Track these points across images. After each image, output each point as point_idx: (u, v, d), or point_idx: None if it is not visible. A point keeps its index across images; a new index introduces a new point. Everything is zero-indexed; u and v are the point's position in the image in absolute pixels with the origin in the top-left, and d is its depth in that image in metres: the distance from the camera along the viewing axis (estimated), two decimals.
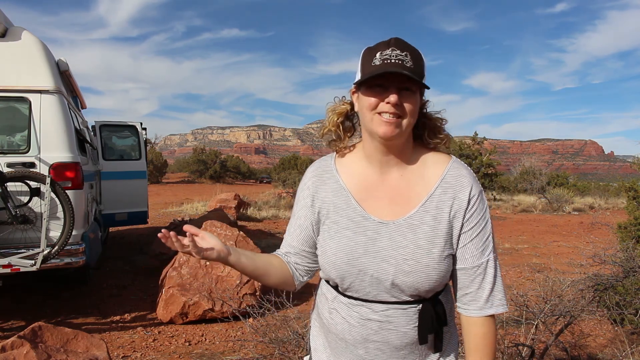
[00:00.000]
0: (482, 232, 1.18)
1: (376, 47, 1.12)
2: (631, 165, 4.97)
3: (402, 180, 1.20)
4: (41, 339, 2.46)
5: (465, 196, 1.16)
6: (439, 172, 1.19)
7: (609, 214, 15.70)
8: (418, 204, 1.17)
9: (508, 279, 6.26)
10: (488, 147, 22.35)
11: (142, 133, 7.37)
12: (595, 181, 43.88)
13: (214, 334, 4.14)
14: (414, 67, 1.09)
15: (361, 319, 1.18)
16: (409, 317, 1.16)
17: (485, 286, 1.17)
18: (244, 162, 56.09)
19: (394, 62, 1.08)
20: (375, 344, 1.17)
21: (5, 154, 4.05)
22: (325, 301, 1.28)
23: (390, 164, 1.19)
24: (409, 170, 1.20)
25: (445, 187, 1.17)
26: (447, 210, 1.16)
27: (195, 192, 24.06)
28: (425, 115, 1.23)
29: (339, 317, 1.22)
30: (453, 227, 1.16)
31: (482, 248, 1.17)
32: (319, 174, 1.27)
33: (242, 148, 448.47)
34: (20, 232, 3.96)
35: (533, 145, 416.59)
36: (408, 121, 1.12)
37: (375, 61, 1.10)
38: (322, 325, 1.30)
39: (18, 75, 4.09)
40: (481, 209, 1.18)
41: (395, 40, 1.12)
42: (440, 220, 1.15)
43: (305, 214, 1.26)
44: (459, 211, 1.16)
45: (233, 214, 11.29)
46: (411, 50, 1.11)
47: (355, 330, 1.18)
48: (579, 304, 3.14)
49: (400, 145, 1.17)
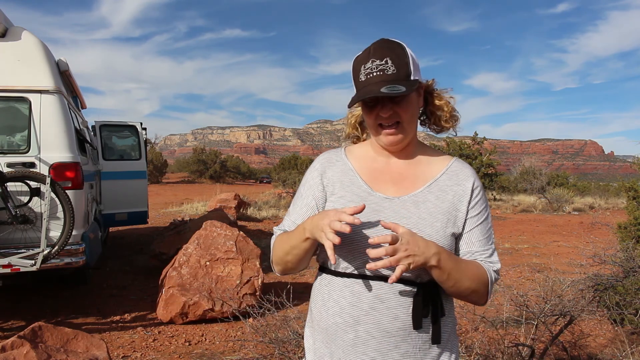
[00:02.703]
0: (485, 221, 1.24)
1: (360, 58, 1.18)
2: (631, 165, 4.97)
3: (407, 167, 1.27)
4: (41, 339, 2.46)
5: (469, 185, 1.24)
6: (444, 163, 1.28)
7: (609, 214, 15.72)
8: (423, 185, 1.23)
9: (508, 279, 6.26)
10: (488, 147, 22.34)
11: (142, 133, 7.37)
12: (595, 181, 43.92)
13: (214, 334, 4.14)
14: (397, 71, 1.13)
15: (353, 298, 1.17)
16: (402, 299, 1.15)
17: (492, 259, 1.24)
18: (244, 162, 56.12)
19: (375, 76, 1.13)
20: (365, 326, 1.15)
21: (5, 154, 4.05)
22: (319, 293, 1.27)
23: (397, 157, 1.28)
24: (414, 161, 1.28)
25: (450, 175, 1.25)
26: (451, 194, 1.22)
27: (195, 192, 24.06)
28: (432, 99, 1.29)
29: (332, 301, 1.21)
30: (457, 210, 1.21)
31: (487, 235, 1.24)
32: (329, 158, 1.33)
33: (242, 148, 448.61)
34: (20, 232, 3.96)
35: (533, 145, 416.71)
36: (408, 123, 1.19)
37: (361, 76, 1.16)
38: (312, 320, 1.30)
39: (18, 75, 4.09)
40: (484, 201, 1.25)
41: (374, 47, 1.16)
42: (443, 200, 1.21)
43: (313, 193, 1.28)
44: (464, 197, 1.22)
45: (233, 214, 11.30)
46: (391, 53, 1.15)
47: (347, 312, 1.17)
48: (579, 304, 3.14)
49: (405, 143, 1.24)
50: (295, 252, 1.21)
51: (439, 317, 1.18)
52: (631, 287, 3.54)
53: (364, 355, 1.16)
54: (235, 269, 4.64)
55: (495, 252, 1.25)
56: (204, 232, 4.97)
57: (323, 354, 1.24)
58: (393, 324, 1.15)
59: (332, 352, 1.21)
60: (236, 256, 4.73)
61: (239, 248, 4.82)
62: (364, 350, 1.16)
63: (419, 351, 1.17)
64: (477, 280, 1.17)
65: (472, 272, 1.16)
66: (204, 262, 4.64)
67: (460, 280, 1.14)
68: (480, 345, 2.88)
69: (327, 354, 1.22)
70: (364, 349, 1.16)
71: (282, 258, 1.26)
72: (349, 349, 1.17)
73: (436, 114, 1.29)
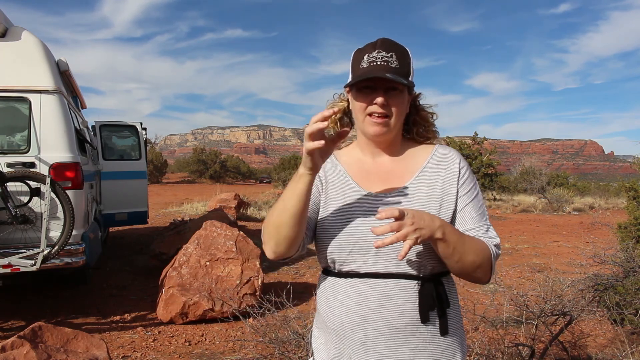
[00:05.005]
0: (476, 198, 1.25)
1: (364, 48, 1.20)
2: (631, 165, 4.97)
3: (394, 163, 1.29)
4: (41, 339, 2.46)
5: (455, 166, 1.26)
6: (428, 152, 1.30)
7: (609, 214, 15.71)
8: (412, 177, 1.25)
9: (508, 279, 6.26)
10: (488, 147, 22.33)
11: (142, 133, 7.38)
12: (595, 181, 43.92)
13: (214, 334, 4.14)
14: (400, 66, 1.16)
15: (359, 297, 1.17)
16: (408, 294, 1.16)
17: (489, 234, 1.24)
18: (244, 162, 56.10)
19: (379, 65, 1.15)
20: (374, 324, 1.16)
21: (5, 154, 4.05)
22: (323, 295, 1.27)
23: (382, 154, 1.29)
24: (399, 157, 1.30)
25: (436, 161, 1.27)
26: (440, 179, 1.24)
27: (195, 192, 24.06)
28: (417, 110, 1.31)
29: (337, 302, 1.21)
30: (448, 193, 1.23)
31: (480, 212, 1.24)
32: None
33: (242, 148, 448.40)
34: (20, 232, 3.96)
35: (533, 145, 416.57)
36: (396, 119, 1.21)
37: (363, 64, 1.18)
38: (321, 321, 1.29)
39: (18, 75, 4.09)
40: (472, 179, 1.27)
41: (381, 41, 1.19)
42: (433, 187, 1.23)
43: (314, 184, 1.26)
44: (452, 178, 1.24)
45: (233, 214, 11.30)
46: (397, 50, 1.18)
47: (353, 312, 1.18)
48: (579, 304, 3.14)
49: (389, 140, 1.27)
50: (291, 204, 1.13)
51: (445, 309, 1.19)
52: (631, 287, 3.54)
53: (374, 353, 1.16)
54: (235, 269, 4.64)
55: (491, 227, 1.25)
56: (204, 232, 4.97)
57: (334, 355, 1.24)
58: (401, 319, 1.15)
59: (341, 352, 1.22)
60: (236, 256, 4.73)
61: (239, 248, 4.82)
62: (374, 348, 1.16)
63: (428, 344, 1.18)
64: (481, 254, 1.17)
65: (476, 246, 1.17)
66: (204, 262, 4.64)
67: (465, 254, 1.14)
68: (480, 345, 2.88)
69: (337, 355, 1.23)
70: (373, 347, 1.16)
71: (274, 223, 1.17)
72: (358, 348, 1.17)
73: (420, 123, 1.32)
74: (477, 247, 1.17)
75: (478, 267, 1.17)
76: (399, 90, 1.18)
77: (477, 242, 1.18)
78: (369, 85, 1.17)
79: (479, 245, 1.18)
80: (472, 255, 1.15)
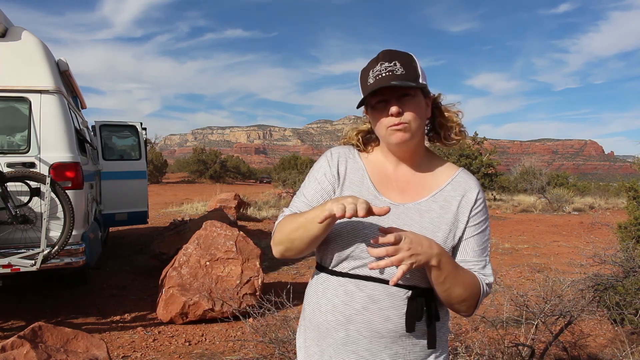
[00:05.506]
0: (483, 232, 1.25)
1: (368, 66, 1.20)
2: (631, 165, 4.97)
3: (414, 176, 1.27)
4: (41, 339, 2.46)
5: (473, 196, 1.25)
6: (450, 173, 1.29)
7: (609, 214, 15.71)
8: (428, 195, 1.24)
9: (508, 279, 6.25)
10: (488, 147, 22.33)
11: (142, 133, 7.38)
12: (595, 181, 43.90)
13: (214, 334, 4.14)
14: (406, 72, 1.16)
15: (346, 297, 1.17)
16: (395, 301, 1.15)
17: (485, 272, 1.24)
18: (244, 162, 56.11)
19: (385, 76, 1.15)
20: (356, 325, 1.16)
21: (5, 154, 4.05)
22: (313, 289, 1.28)
23: (403, 164, 1.28)
24: (422, 169, 1.29)
25: (456, 185, 1.26)
26: (455, 204, 1.23)
27: (195, 192, 24.06)
28: (441, 112, 1.29)
29: (325, 299, 1.22)
30: (458, 220, 1.22)
31: (483, 246, 1.25)
32: (344, 152, 1.32)
33: (242, 148, 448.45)
34: (20, 232, 3.96)
35: (533, 145, 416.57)
36: (416, 123, 1.18)
37: (369, 80, 1.17)
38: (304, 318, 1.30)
39: (18, 75, 4.09)
40: (484, 213, 1.26)
41: (382, 53, 1.19)
42: (447, 210, 1.22)
43: (329, 179, 1.27)
44: (466, 207, 1.23)
45: (233, 214, 11.29)
46: (400, 58, 1.17)
47: (339, 311, 1.18)
48: (579, 304, 3.14)
49: (412, 148, 1.24)
50: (308, 227, 1.13)
51: (433, 321, 1.19)
52: (631, 287, 3.54)
53: (354, 354, 1.16)
54: (235, 269, 4.64)
55: (488, 265, 1.25)
56: (204, 232, 4.97)
57: (313, 352, 1.24)
58: (384, 325, 1.15)
59: (322, 350, 1.21)
60: (236, 256, 4.73)
61: (239, 248, 4.82)
62: (354, 349, 1.16)
63: (409, 353, 1.17)
64: (470, 289, 1.17)
65: (468, 281, 1.16)
66: (204, 262, 4.64)
67: (455, 285, 1.14)
68: (480, 345, 2.88)
69: (318, 352, 1.23)
70: (354, 348, 1.16)
71: (290, 234, 1.18)
72: (339, 347, 1.18)
73: (446, 125, 1.28)
74: (469, 281, 1.17)
75: (464, 300, 1.17)
76: (411, 95, 1.17)
77: (470, 276, 1.18)
78: (382, 100, 1.17)
79: (471, 280, 1.17)
80: (461, 288, 1.15)
